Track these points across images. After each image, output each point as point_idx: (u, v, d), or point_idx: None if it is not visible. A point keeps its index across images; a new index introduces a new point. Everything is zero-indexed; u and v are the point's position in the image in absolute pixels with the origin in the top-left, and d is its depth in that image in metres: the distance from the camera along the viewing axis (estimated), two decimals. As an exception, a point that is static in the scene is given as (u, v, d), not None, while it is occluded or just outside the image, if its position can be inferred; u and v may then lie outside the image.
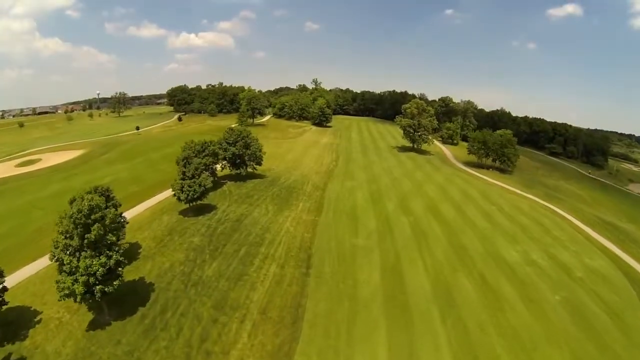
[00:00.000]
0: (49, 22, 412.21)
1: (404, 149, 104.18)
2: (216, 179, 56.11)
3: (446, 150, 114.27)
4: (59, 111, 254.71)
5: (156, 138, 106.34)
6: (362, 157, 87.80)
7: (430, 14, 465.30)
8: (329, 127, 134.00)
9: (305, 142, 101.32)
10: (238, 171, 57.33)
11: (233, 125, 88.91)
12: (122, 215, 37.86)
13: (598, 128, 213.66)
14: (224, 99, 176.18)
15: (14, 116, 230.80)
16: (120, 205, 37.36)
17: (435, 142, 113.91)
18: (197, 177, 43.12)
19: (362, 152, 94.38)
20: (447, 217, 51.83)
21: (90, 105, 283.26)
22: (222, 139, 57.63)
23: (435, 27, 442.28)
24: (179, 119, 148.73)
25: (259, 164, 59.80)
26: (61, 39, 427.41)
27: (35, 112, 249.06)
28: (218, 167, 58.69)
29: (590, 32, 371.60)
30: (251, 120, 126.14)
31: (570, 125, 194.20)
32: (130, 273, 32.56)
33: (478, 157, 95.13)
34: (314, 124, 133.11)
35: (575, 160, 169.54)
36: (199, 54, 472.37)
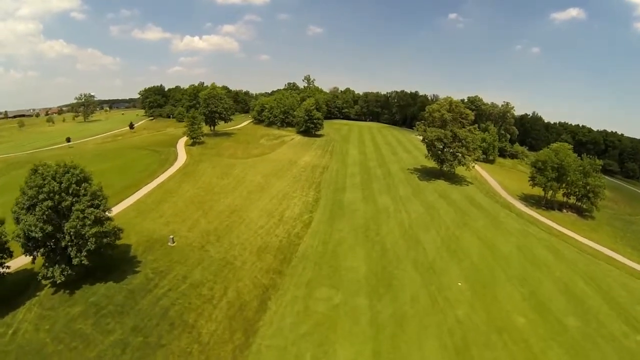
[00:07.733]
0: (54, 24, 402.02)
1: (426, 173, 69.14)
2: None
3: (485, 173, 78.76)
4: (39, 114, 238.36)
5: (84, 154, 76.26)
6: (363, 199, 51.81)
7: (435, 18, 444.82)
8: (319, 136, 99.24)
9: (273, 163, 65.78)
10: (49, 272, 23.05)
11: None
12: None
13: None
14: (196, 101, 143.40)
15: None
16: None
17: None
18: None
19: (363, 185, 58.60)
20: None
21: (72, 108, 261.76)
22: (23, 191, 23.82)
23: (438, 31, 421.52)
24: (131, 126, 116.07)
25: (106, 245, 25.13)
26: (66, 41, 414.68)
27: (7, 116, 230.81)
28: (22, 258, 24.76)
29: (594, 35, 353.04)
30: (211, 128, 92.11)
31: (622, 135, 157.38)
32: None
33: (546, 191, 60.37)
34: (300, 131, 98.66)
35: (635, 180, 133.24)
36: (203, 57, 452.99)
